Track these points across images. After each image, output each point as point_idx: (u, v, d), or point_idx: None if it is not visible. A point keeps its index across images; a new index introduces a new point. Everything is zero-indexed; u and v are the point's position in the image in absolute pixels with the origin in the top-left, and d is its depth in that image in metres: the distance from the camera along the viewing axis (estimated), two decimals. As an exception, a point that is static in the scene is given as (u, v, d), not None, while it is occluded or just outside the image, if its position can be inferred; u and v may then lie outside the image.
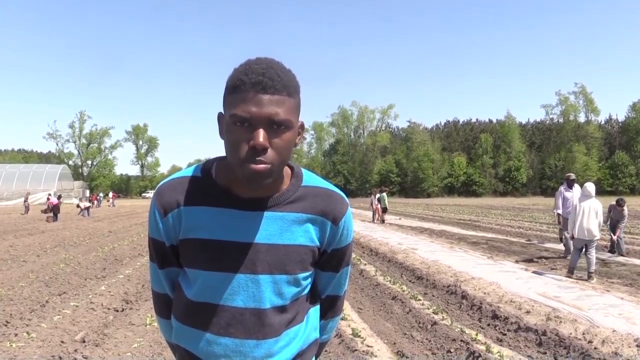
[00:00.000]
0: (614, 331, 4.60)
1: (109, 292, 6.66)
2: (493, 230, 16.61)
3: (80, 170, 77.06)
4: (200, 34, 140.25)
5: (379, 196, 20.86)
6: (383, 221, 20.33)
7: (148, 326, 5.09)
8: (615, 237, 9.96)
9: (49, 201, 24.42)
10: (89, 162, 79.35)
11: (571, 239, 8.07)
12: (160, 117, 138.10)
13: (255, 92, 1.02)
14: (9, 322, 5.08)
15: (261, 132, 1.01)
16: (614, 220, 10.14)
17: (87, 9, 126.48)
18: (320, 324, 1.32)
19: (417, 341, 4.76)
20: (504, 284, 6.93)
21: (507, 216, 24.65)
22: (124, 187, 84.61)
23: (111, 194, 48.20)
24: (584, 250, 7.61)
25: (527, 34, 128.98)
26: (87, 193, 54.11)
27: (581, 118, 79.05)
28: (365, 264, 9.60)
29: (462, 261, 9.20)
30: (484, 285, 6.90)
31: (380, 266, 9.49)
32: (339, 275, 1.29)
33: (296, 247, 1.15)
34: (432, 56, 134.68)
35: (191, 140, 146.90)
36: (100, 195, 45.35)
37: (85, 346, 4.43)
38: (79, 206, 27.88)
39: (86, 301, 6.08)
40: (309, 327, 1.25)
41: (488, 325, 5.34)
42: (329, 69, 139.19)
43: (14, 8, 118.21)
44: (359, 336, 4.82)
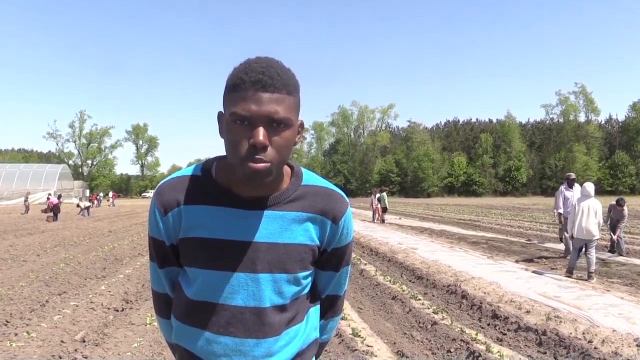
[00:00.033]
0: (613, 331, 4.60)
1: (109, 291, 6.66)
2: (493, 230, 16.62)
3: (80, 170, 77.09)
4: (200, 33, 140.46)
5: (379, 196, 20.87)
6: (383, 221, 20.33)
7: (148, 326, 5.09)
8: (615, 237, 9.97)
9: (49, 201, 24.43)
10: (89, 161, 79.44)
11: (570, 239, 8.07)
12: (161, 116, 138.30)
13: (255, 90, 1.02)
14: (9, 322, 5.08)
15: (261, 130, 1.01)
16: (614, 220, 10.14)
17: (87, 9, 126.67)
18: (320, 323, 1.32)
19: (417, 341, 4.76)
20: (504, 283, 6.94)
21: (507, 216, 24.66)
22: (124, 187, 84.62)
23: (111, 193, 48.23)
24: (583, 250, 7.62)
25: (527, 34, 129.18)
26: (87, 193, 54.11)
27: (581, 118, 79.18)
28: (366, 264, 9.60)
29: (462, 261, 9.20)
30: (484, 285, 6.90)
31: (380, 266, 9.49)
32: (339, 274, 1.29)
33: (296, 245, 1.15)
34: (432, 56, 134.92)
35: (191, 140, 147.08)
36: (100, 195, 45.38)
37: (85, 346, 4.43)
38: (79, 206, 27.89)
39: (86, 301, 6.08)
40: (309, 327, 1.24)
41: (488, 325, 5.34)
42: (329, 68, 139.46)
43: (14, 7, 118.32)
44: (359, 336, 4.82)
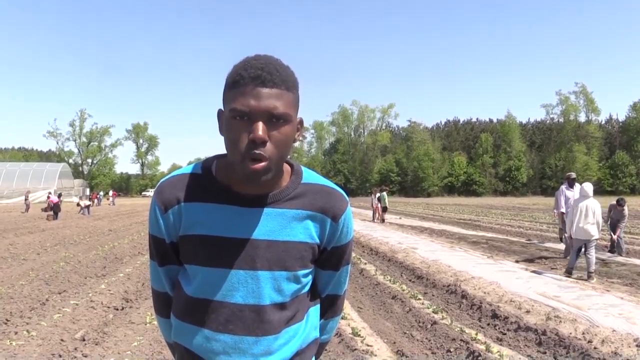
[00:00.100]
0: (613, 331, 4.60)
1: (109, 290, 6.66)
2: (493, 229, 16.62)
3: (80, 169, 77.08)
4: (201, 32, 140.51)
5: (379, 195, 20.88)
6: (383, 220, 20.34)
7: (148, 325, 5.09)
8: (615, 237, 9.98)
9: (49, 199, 24.44)
10: (89, 160, 79.43)
11: (569, 239, 8.08)
12: (161, 115, 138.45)
13: (254, 85, 1.03)
14: (9, 321, 5.08)
15: (260, 125, 1.02)
16: (614, 220, 10.15)
17: (88, 8, 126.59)
18: (320, 323, 1.32)
19: (417, 340, 4.76)
20: (504, 283, 6.94)
21: (507, 216, 24.66)
22: (124, 186, 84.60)
23: (111, 192, 48.26)
24: (583, 250, 7.62)
25: (528, 34, 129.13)
26: (88, 191, 54.07)
27: (581, 118, 79.19)
28: (366, 263, 9.60)
29: (462, 261, 9.21)
30: (483, 284, 6.90)
31: (380, 265, 9.49)
32: (338, 274, 1.29)
33: (296, 243, 1.15)
34: (432, 55, 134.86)
35: (191, 139, 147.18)
36: (100, 194, 45.41)
37: (85, 345, 4.43)
38: (79, 205, 27.90)
39: (86, 299, 6.08)
40: (309, 326, 1.24)
41: (488, 324, 5.33)
42: (329, 67, 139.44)
43: (14, 6, 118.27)
44: (358, 335, 4.82)
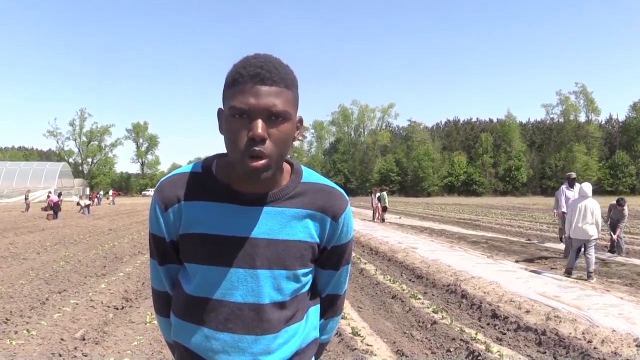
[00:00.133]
0: (613, 331, 4.60)
1: (109, 290, 6.66)
2: (493, 229, 16.62)
3: (80, 168, 77.08)
4: (201, 31, 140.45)
5: (379, 195, 20.88)
6: (383, 220, 20.34)
7: (148, 324, 5.09)
8: (615, 237, 9.98)
9: (49, 199, 24.43)
10: (89, 159, 79.40)
11: (568, 239, 8.09)
12: (161, 115, 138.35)
13: (253, 83, 1.03)
14: (8, 320, 5.08)
15: (259, 123, 1.02)
16: (614, 219, 10.16)
17: (88, 7, 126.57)
18: (321, 323, 1.31)
19: (417, 340, 4.76)
20: (504, 283, 6.94)
21: (507, 216, 24.66)
22: (124, 185, 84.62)
23: (111, 192, 48.25)
24: (582, 250, 7.62)
25: (528, 34, 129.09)
26: (88, 191, 54.08)
27: (581, 118, 79.19)
28: (365, 263, 9.60)
29: (462, 260, 9.21)
30: (483, 284, 6.90)
31: (380, 265, 9.49)
32: (338, 273, 1.28)
33: (295, 242, 1.15)
34: (432, 55, 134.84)
35: (191, 139, 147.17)
36: (100, 193, 45.40)
37: (85, 344, 4.43)
38: (79, 204, 27.90)
39: (86, 299, 6.08)
40: (309, 326, 1.24)
41: (488, 324, 5.34)
42: (329, 67, 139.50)
43: (14, 5, 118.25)
44: (358, 335, 4.83)
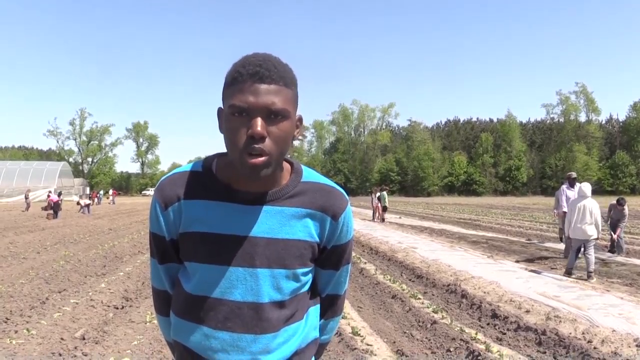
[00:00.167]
0: (613, 331, 4.60)
1: (109, 289, 6.66)
2: (493, 229, 16.62)
3: (80, 168, 77.04)
4: (201, 30, 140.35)
5: (379, 195, 20.89)
6: (383, 220, 20.34)
7: (148, 324, 5.09)
8: (615, 236, 9.99)
9: (49, 198, 24.42)
10: (89, 159, 79.35)
11: (568, 239, 8.09)
12: (161, 114, 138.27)
13: (252, 82, 1.04)
14: (8, 319, 5.08)
15: (259, 121, 1.03)
16: (614, 219, 10.16)
17: (88, 6, 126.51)
18: (320, 323, 1.31)
19: (417, 340, 4.76)
20: (504, 283, 6.94)
21: (507, 215, 24.66)
22: (124, 185, 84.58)
23: (111, 191, 48.25)
24: (582, 250, 7.62)
25: (528, 33, 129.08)
26: (88, 190, 54.08)
27: (582, 118, 79.22)
28: (365, 263, 9.60)
29: (462, 260, 9.21)
30: (483, 284, 6.90)
31: (380, 265, 9.49)
32: (338, 273, 1.28)
33: (295, 241, 1.15)
34: (433, 55, 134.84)
35: (192, 138, 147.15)
36: (100, 193, 45.37)
37: (85, 343, 4.43)
38: (79, 203, 27.89)
39: (86, 298, 6.08)
40: (309, 326, 1.24)
41: (488, 324, 5.34)
42: (330, 67, 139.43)
43: (14, 4, 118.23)
44: (358, 334, 4.83)
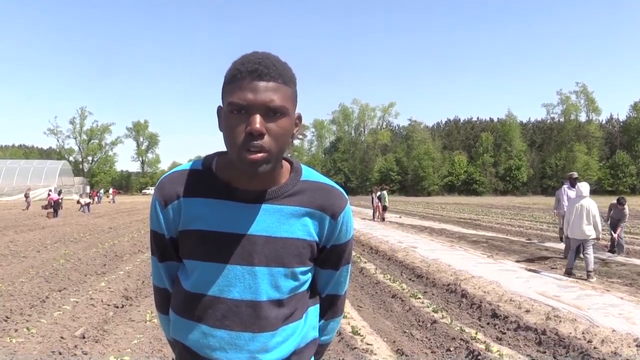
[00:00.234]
0: (613, 331, 4.60)
1: (109, 288, 6.66)
2: (493, 229, 16.62)
3: (80, 167, 77.05)
4: (201, 29, 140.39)
5: (379, 194, 20.88)
6: (383, 219, 20.35)
7: (148, 322, 5.09)
8: (615, 236, 9.99)
9: (49, 197, 24.42)
10: (89, 158, 79.38)
11: (567, 239, 8.09)
12: (161, 113, 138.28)
13: (251, 79, 1.04)
14: (9, 318, 5.08)
15: (257, 118, 1.03)
16: (614, 219, 10.16)
17: (88, 5, 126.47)
18: (321, 324, 1.31)
19: (417, 339, 4.76)
20: (504, 283, 6.94)
21: (507, 215, 24.66)
22: (124, 184, 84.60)
23: (111, 190, 48.29)
24: (581, 250, 7.63)
25: (528, 33, 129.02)
26: (88, 189, 54.06)
27: (582, 117, 79.26)
28: (365, 262, 9.60)
29: (462, 260, 9.21)
30: (483, 284, 6.90)
31: (380, 264, 9.49)
32: (338, 273, 1.28)
33: (294, 240, 1.14)
34: (433, 54, 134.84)
35: (192, 137, 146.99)
36: (100, 192, 45.40)
37: (85, 342, 4.43)
38: (79, 202, 27.92)
39: (86, 297, 6.08)
40: (308, 326, 1.24)
41: (488, 324, 5.33)
42: (330, 66, 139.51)
43: (14, 3, 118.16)
44: (358, 334, 4.83)
